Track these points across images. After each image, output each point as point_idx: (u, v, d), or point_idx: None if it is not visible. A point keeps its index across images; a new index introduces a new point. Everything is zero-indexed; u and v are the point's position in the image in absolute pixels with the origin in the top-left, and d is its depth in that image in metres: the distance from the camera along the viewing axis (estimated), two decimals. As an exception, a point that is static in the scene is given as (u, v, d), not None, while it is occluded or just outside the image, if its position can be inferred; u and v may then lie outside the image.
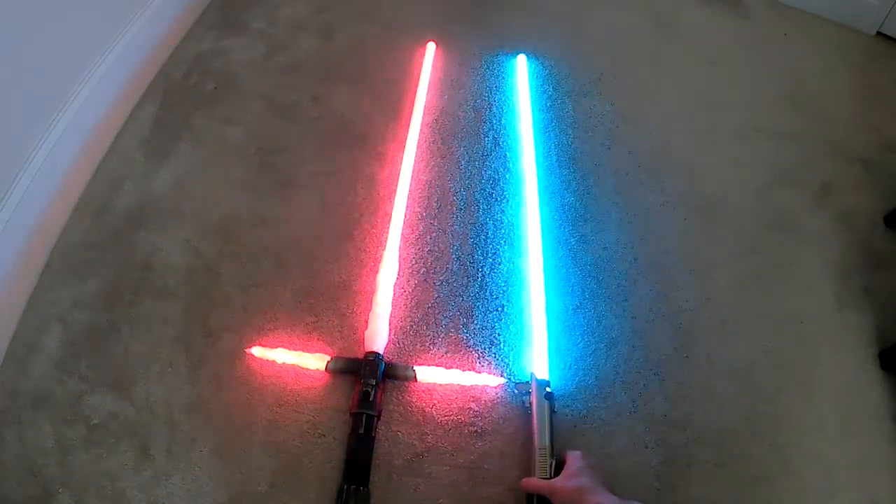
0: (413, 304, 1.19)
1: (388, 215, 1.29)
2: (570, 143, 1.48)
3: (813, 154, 1.52)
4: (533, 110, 1.52)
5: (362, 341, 1.11)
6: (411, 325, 1.17)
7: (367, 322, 1.14)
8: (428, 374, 1.09)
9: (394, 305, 1.18)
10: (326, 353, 1.10)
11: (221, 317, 1.15)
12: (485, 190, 1.37)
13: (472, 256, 1.27)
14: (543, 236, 1.29)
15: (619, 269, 1.27)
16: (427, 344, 1.15)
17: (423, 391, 1.09)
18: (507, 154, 1.44)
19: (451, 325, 1.17)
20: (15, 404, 1.04)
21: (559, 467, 0.94)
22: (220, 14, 1.69)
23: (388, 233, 1.26)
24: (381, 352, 1.09)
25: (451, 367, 1.11)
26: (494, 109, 1.53)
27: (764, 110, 1.60)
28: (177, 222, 1.27)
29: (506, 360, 1.14)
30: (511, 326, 1.18)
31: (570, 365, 1.14)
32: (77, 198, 1.29)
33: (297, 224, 1.29)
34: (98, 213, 1.28)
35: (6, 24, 1.07)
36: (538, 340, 1.13)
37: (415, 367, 1.08)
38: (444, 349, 1.14)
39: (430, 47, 1.63)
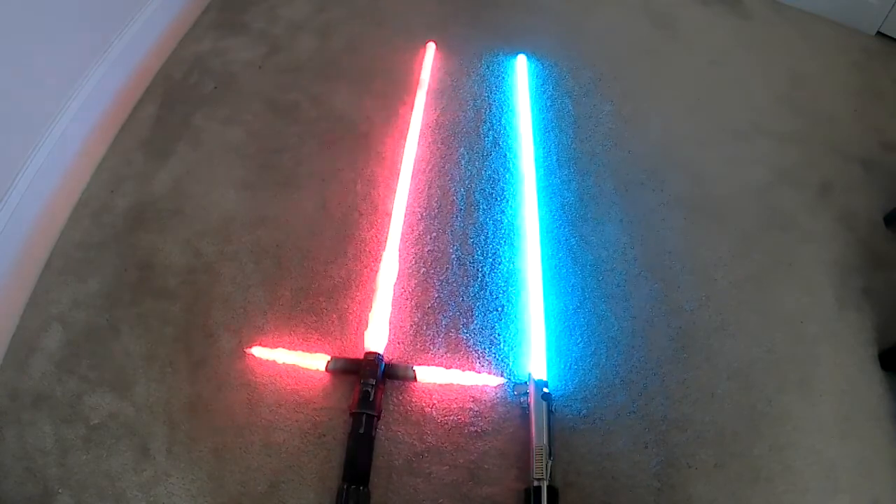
0: (413, 304, 1.19)
1: (388, 215, 1.29)
2: (570, 143, 1.48)
3: (813, 154, 1.52)
4: (533, 110, 1.52)
5: (362, 341, 1.11)
6: (411, 325, 1.17)
7: (367, 322, 1.14)
8: (428, 374, 1.09)
9: (394, 305, 1.18)
10: (326, 353, 1.10)
11: (221, 317, 1.15)
12: (485, 190, 1.37)
13: (472, 256, 1.27)
14: (543, 236, 1.29)
15: (619, 269, 1.28)
16: (427, 344, 1.15)
17: (423, 391, 1.09)
18: (507, 154, 1.44)
19: (451, 325, 1.17)
20: (15, 404, 1.04)
21: None
22: (220, 14, 1.69)
23: (388, 233, 1.26)
24: (381, 352, 1.09)
25: (451, 367, 1.11)
26: (494, 109, 1.53)
27: (764, 110, 1.60)
28: (177, 222, 1.27)
29: (505, 360, 1.14)
30: (511, 326, 1.18)
31: (570, 365, 1.14)
32: (77, 198, 1.29)
33: (297, 224, 1.29)
34: (98, 213, 1.28)
35: (6, 24, 1.07)
36: (536, 341, 1.13)
37: (415, 367, 1.09)
38: (444, 349, 1.14)
39: (430, 47, 1.63)
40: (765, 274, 1.30)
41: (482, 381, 1.10)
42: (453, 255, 1.27)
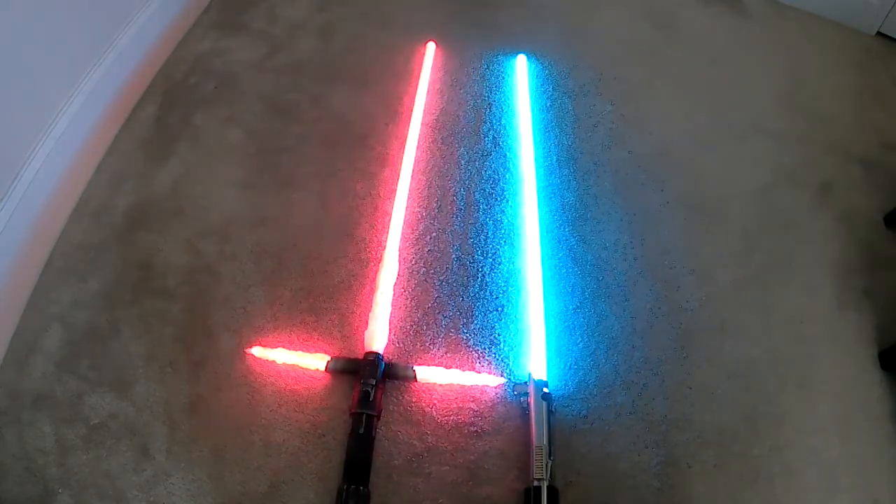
0: (413, 304, 1.19)
1: (388, 215, 1.29)
2: (570, 143, 1.48)
3: (813, 154, 1.52)
4: (533, 110, 1.52)
5: (362, 341, 1.11)
6: (411, 325, 1.17)
7: (367, 322, 1.14)
8: (428, 374, 1.09)
9: (394, 305, 1.18)
10: (326, 353, 1.10)
11: (221, 317, 1.15)
12: (485, 190, 1.37)
13: (472, 256, 1.27)
14: (543, 236, 1.29)
15: (619, 269, 1.27)
16: (427, 344, 1.15)
17: (423, 391, 1.09)
18: (507, 154, 1.44)
19: (451, 325, 1.17)
20: (15, 404, 1.04)
21: None
22: (220, 14, 1.69)
23: (388, 233, 1.26)
24: (381, 352, 1.09)
25: (451, 367, 1.11)
26: (494, 109, 1.53)
27: (764, 110, 1.60)
28: (177, 222, 1.27)
29: (505, 360, 1.14)
30: (511, 326, 1.18)
31: (570, 365, 1.14)
32: (77, 198, 1.29)
33: (297, 224, 1.29)
34: (98, 213, 1.28)
35: (6, 24, 1.07)
36: (536, 341, 1.13)
37: (415, 367, 1.09)
38: (444, 349, 1.14)
39: (430, 47, 1.63)
40: (765, 274, 1.30)
41: (482, 381, 1.10)
42: (453, 255, 1.26)
